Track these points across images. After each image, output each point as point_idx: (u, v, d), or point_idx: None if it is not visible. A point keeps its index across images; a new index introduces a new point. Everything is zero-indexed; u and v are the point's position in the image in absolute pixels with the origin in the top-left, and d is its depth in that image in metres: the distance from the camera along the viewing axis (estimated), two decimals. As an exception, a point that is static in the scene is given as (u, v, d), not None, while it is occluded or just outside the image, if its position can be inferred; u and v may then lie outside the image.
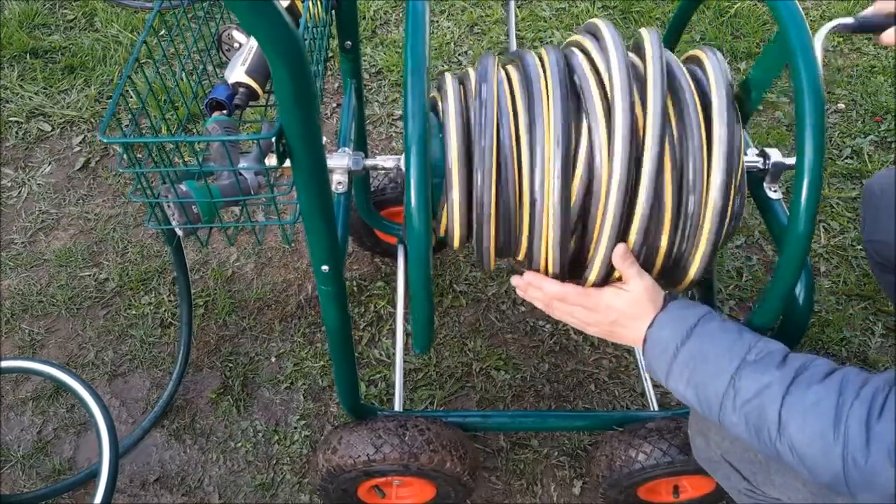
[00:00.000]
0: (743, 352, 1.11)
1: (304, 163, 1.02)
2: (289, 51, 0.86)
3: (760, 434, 1.07)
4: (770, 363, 1.08)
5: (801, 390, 1.03)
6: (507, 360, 2.21)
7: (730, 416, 1.11)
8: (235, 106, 1.19)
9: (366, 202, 2.10)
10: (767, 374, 1.07)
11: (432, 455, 1.61)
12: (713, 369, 1.12)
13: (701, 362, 1.14)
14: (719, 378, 1.11)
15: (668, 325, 1.20)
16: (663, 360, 1.19)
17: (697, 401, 1.16)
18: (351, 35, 1.71)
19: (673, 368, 1.17)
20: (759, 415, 1.06)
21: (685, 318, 1.19)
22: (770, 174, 1.31)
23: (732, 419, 1.10)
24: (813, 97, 1.05)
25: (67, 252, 2.47)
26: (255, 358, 2.23)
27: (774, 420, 1.04)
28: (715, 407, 1.12)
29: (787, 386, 1.04)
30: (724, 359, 1.12)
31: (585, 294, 1.27)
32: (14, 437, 2.07)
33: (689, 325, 1.17)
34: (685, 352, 1.16)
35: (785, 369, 1.06)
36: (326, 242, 1.19)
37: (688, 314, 1.19)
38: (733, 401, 1.09)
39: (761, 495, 1.35)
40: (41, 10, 3.39)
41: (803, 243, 1.10)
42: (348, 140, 1.62)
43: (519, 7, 3.46)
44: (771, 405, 1.05)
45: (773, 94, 3.01)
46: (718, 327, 1.16)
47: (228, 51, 1.32)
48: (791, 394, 1.04)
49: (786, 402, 1.04)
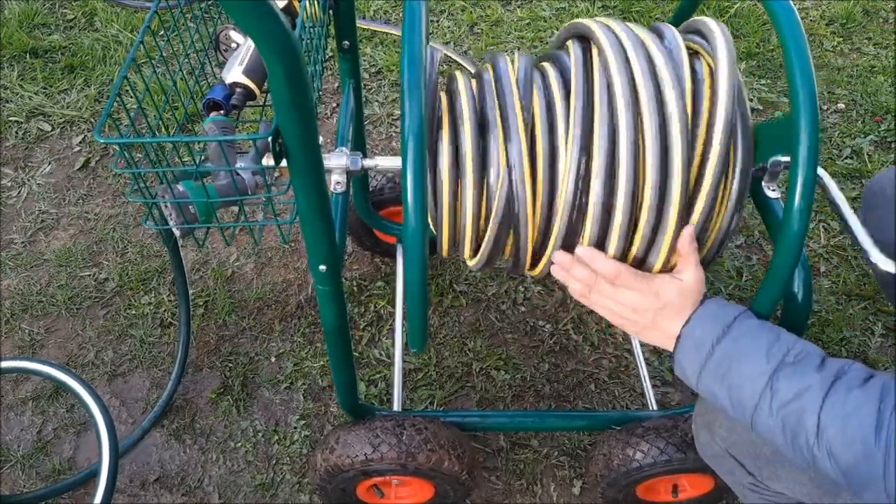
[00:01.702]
0: (781, 353, 1.09)
1: (301, 163, 1.02)
2: (284, 51, 0.86)
3: (797, 438, 1.05)
4: (809, 366, 1.06)
5: (842, 394, 1.01)
6: (507, 360, 2.21)
7: (765, 419, 1.08)
8: (233, 106, 1.19)
9: (364, 202, 2.10)
10: (807, 377, 1.05)
11: (430, 454, 1.61)
12: (750, 369, 1.10)
13: (737, 361, 1.11)
14: (756, 379, 1.09)
15: (705, 323, 1.16)
16: (697, 358, 1.15)
17: (730, 402, 1.13)
18: (349, 35, 1.71)
19: (707, 367, 1.14)
20: (798, 419, 1.04)
21: (722, 315, 1.16)
22: (769, 173, 1.30)
23: (768, 422, 1.08)
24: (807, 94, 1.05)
25: (67, 252, 2.48)
26: (254, 358, 2.23)
27: (813, 424, 1.02)
28: (749, 408, 1.10)
29: (826, 389, 1.02)
30: (761, 359, 1.09)
31: (640, 276, 1.20)
32: (14, 436, 2.07)
33: (726, 322, 1.14)
34: (721, 350, 1.13)
35: (824, 373, 1.04)
36: (323, 242, 1.19)
37: (725, 312, 1.16)
38: (770, 403, 1.07)
39: (766, 490, 1.35)
40: (41, 10, 3.40)
41: (797, 241, 1.10)
42: (346, 140, 1.62)
43: (519, 7, 3.46)
44: (810, 409, 1.03)
45: (773, 94, 3.01)
46: (757, 326, 1.13)
47: (226, 51, 1.32)
48: (831, 397, 1.02)
49: (826, 405, 1.02)
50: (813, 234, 2.51)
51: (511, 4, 3.49)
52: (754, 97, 2.99)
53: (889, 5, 3.45)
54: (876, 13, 3.42)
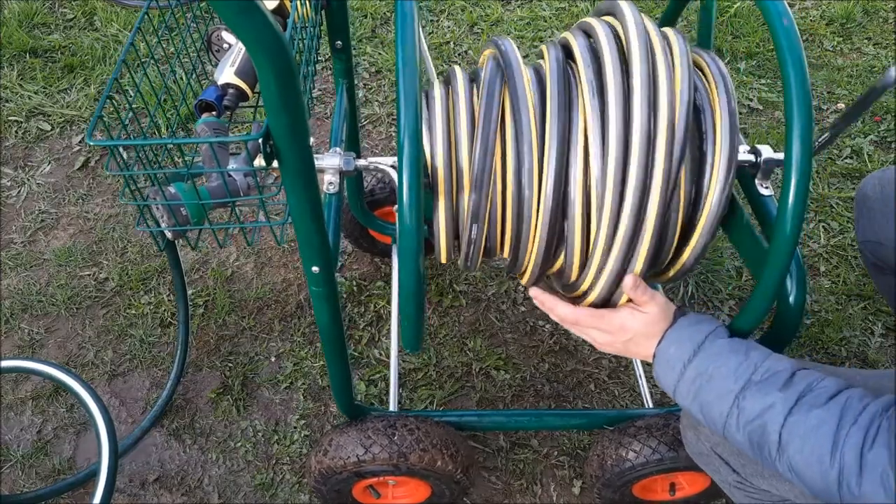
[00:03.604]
0: (748, 372, 1.12)
1: (292, 163, 1.02)
2: (274, 52, 0.86)
3: (762, 451, 1.09)
4: (774, 384, 1.09)
5: (803, 413, 1.05)
6: (507, 360, 2.21)
7: (733, 433, 1.13)
8: (225, 107, 1.19)
9: (359, 202, 2.09)
10: (771, 395, 1.08)
11: (422, 454, 1.61)
12: (718, 389, 1.14)
13: (706, 381, 1.15)
14: (724, 398, 1.13)
15: (676, 343, 1.21)
16: (671, 376, 1.21)
17: (703, 417, 1.18)
18: (341, 35, 1.70)
19: (679, 385, 1.19)
20: (762, 434, 1.08)
21: (692, 335, 1.20)
22: (762, 171, 1.30)
23: (736, 437, 1.12)
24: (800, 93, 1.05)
25: (67, 252, 2.48)
26: (254, 358, 2.23)
27: (775, 440, 1.06)
28: (719, 425, 1.15)
29: (790, 408, 1.06)
30: (729, 379, 1.13)
31: (599, 316, 1.28)
32: (13, 436, 2.07)
33: (696, 342, 1.18)
34: (692, 370, 1.17)
35: (789, 391, 1.08)
36: (316, 243, 1.19)
37: (695, 332, 1.20)
38: (737, 420, 1.11)
39: (751, 487, 1.36)
40: (41, 10, 3.40)
41: (790, 242, 1.10)
42: (340, 140, 1.62)
43: (519, 7, 3.46)
44: (772, 426, 1.07)
45: (773, 94, 3.01)
46: (726, 346, 1.17)
47: (218, 52, 1.32)
48: (793, 415, 1.05)
49: (787, 423, 1.05)
50: (812, 234, 2.50)
51: (511, 4, 3.49)
52: (754, 97, 2.99)
53: (889, 5, 3.44)
54: (876, 13, 3.41)
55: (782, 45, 1.08)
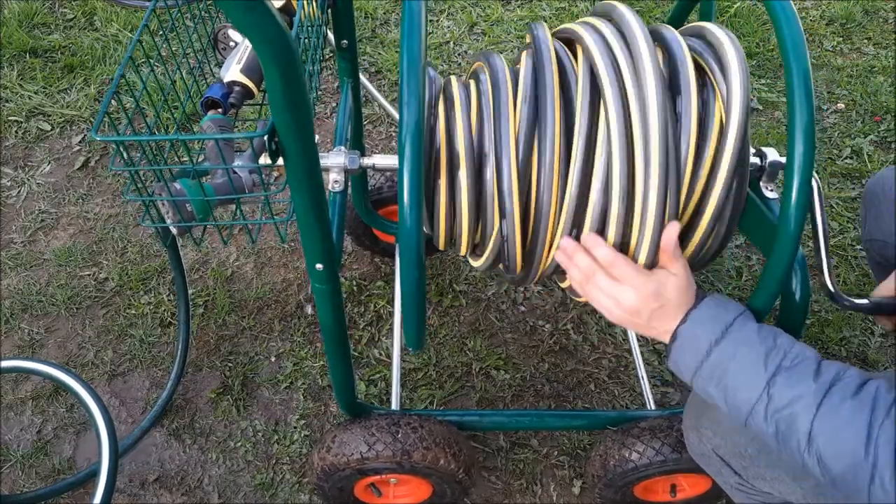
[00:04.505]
0: (779, 358, 1.08)
1: (297, 161, 1.02)
2: (280, 50, 0.86)
3: (788, 443, 1.06)
4: (806, 372, 1.06)
5: (835, 404, 1.02)
6: (507, 360, 2.21)
7: (759, 422, 1.08)
8: (231, 104, 1.19)
9: (363, 201, 2.10)
10: (803, 384, 1.04)
11: (425, 452, 1.61)
12: (747, 374, 1.09)
13: (734, 365, 1.10)
14: (753, 384, 1.08)
15: (703, 323, 1.14)
16: (693, 358, 1.14)
17: (725, 403, 1.12)
18: (347, 34, 1.71)
19: (703, 368, 1.13)
20: (790, 424, 1.04)
21: (720, 317, 1.14)
22: (767, 173, 1.31)
23: (762, 426, 1.08)
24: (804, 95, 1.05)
25: (67, 251, 2.48)
26: (254, 357, 2.23)
27: (805, 431, 1.03)
28: (744, 412, 1.10)
29: (821, 398, 1.02)
30: (759, 364, 1.08)
31: (638, 270, 1.16)
32: (13, 436, 2.07)
33: (724, 324, 1.13)
34: (719, 352, 1.11)
35: (820, 380, 1.04)
36: (320, 241, 1.19)
37: (723, 313, 1.14)
38: (766, 408, 1.07)
39: (752, 489, 1.35)
40: (41, 10, 3.40)
41: (792, 241, 1.10)
42: (345, 139, 1.62)
43: (519, 7, 3.46)
44: (803, 416, 1.03)
45: (773, 94, 3.01)
46: (755, 330, 1.12)
47: (224, 49, 1.32)
48: (824, 405, 1.02)
49: (819, 414, 1.02)
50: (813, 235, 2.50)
51: (511, 4, 3.49)
52: (754, 97, 2.99)
53: (889, 5, 3.45)
54: (876, 13, 3.41)
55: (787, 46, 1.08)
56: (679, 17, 1.59)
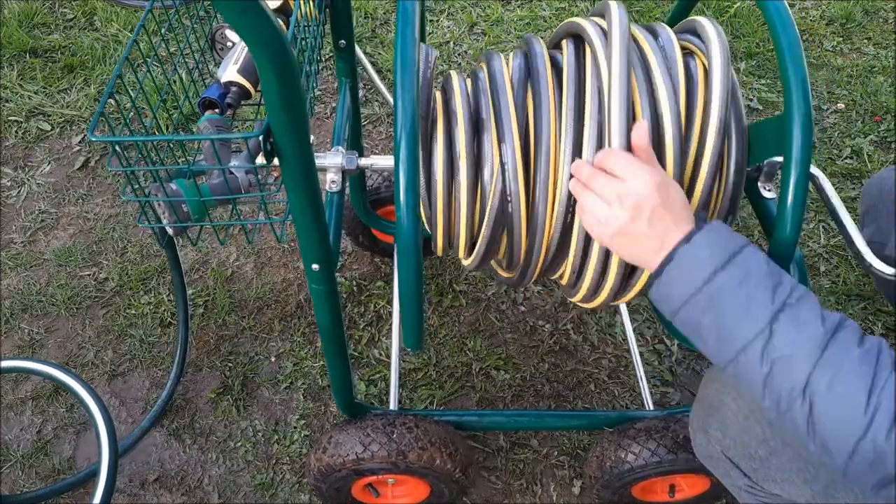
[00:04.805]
0: (785, 294, 1.00)
1: (293, 161, 1.02)
2: (275, 50, 0.86)
3: (778, 387, 0.98)
4: (812, 313, 0.99)
5: (840, 351, 0.95)
6: (507, 360, 2.21)
7: (751, 360, 1.00)
8: (228, 105, 1.19)
9: (362, 201, 2.10)
10: (810, 326, 0.97)
11: (421, 452, 1.61)
12: (750, 306, 1.00)
13: (737, 295, 1.01)
14: (755, 317, 0.99)
15: (709, 246, 1.04)
16: (691, 281, 1.03)
17: (715, 335, 1.03)
18: (345, 34, 1.71)
19: (700, 294, 1.03)
20: (788, 367, 0.97)
21: (728, 242, 1.04)
22: (764, 173, 1.31)
23: (753, 366, 0.99)
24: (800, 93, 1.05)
25: (67, 251, 2.48)
26: (254, 357, 2.23)
27: (802, 377, 0.95)
28: (737, 347, 1.01)
29: (826, 342, 0.96)
30: (766, 297, 1.00)
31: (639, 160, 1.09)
32: (13, 436, 2.07)
33: (731, 250, 1.03)
34: (722, 278, 1.01)
35: (826, 324, 0.97)
36: (317, 241, 1.19)
37: (731, 239, 1.05)
38: (764, 346, 0.98)
39: (761, 491, 1.34)
40: (41, 10, 3.40)
41: (790, 241, 1.10)
42: (343, 139, 1.62)
43: (519, 6, 3.46)
44: (804, 360, 0.96)
45: (773, 94, 3.01)
46: (763, 261, 1.03)
47: (222, 50, 1.32)
48: (829, 351, 0.95)
49: (822, 359, 0.95)
50: (812, 234, 2.50)
51: (511, 4, 3.49)
52: (754, 97, 2.99)
53: (889, 5, 3.44)
54: (876, 13, 3.41)
55: (782, 45, 1.08)
56: (678, 17, 1.59)
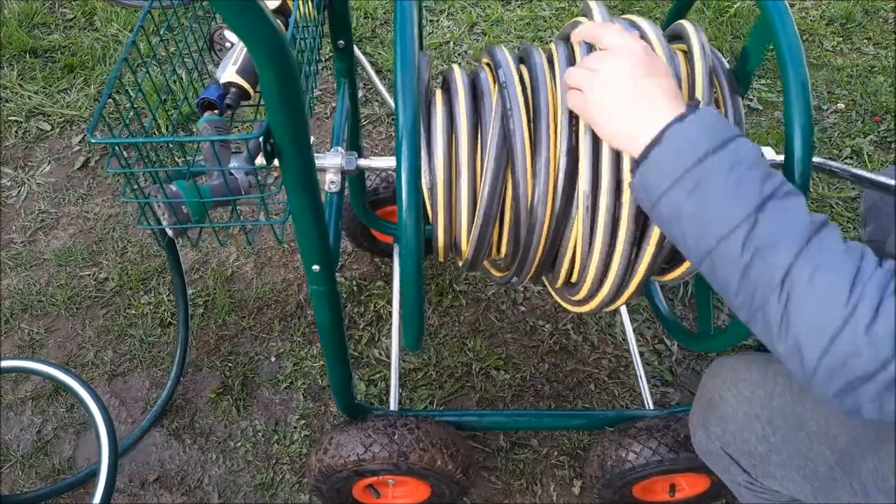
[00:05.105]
0: (774, 185, 0.97)
1: (293, 162, 1.02)
2: (275, 51, 0.86)
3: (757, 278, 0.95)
4: (799, 206, 0.96)
5: (825, 245, 0.92)
6: (507, 360, 2.21)
7: (732, 249, 0.96)
8: (227, 106, 1.19)
9: (361, 202, 2.10)
10: (795, 215, 0.95)
11: (422, 453, 1.61)
12: (737, 192, 0.96)
13: (727, 179, 0.97)
14: (741, 204, 0.96)
15: (703, 127, 1.01)
16: (680, 163, 0.99)
17: (695, 221, 1.00)
18: (343, 34, 1.71)
19: (686, 178, 0.99)
20: (768, 257, 0.94)
21: (723, 128, 1.01)
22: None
23: (733, 254, 0.96)
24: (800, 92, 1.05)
25: (67, 251, 2.48)
26: (254, 357, 2.23)
27: (784, 265, 0.92)
28: (720, 233, 0.97)
29: (810, 235, 0.93)
30: (755, 185, 0.97)
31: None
32: (13, 436, 2.07)
33: (725, 136, 1.00)
34: (713, 161, 0.98)
35: (812, 218, 0.95)
36: (317, 242, 1.19)
37: (726, 126, 1.02)
38: (748, 234, 0.95)
39: (760, 488, 1.34)
40: (41, 10, 3.41)
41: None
42: (342, 139, 1.62)
43: (519, 6, 3.46)
44: (786, 250, 0.93)
45: (773, 94, 3.01)
46: (757, 151, 1.01)
47: (220, 51, 1.32)
48: (813, 243, 0.92)
49: (805, 250, 0.92)
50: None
51: (511, 4, 3.49)
52: (754, 97, 2.99)
53: (889, 5, 3.44)
54: (876, 13, 3.41)
55: (782, 45, 1.08)
56: (676, 16, 1.60)
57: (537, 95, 1.20)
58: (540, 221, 1.20)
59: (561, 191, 1.18)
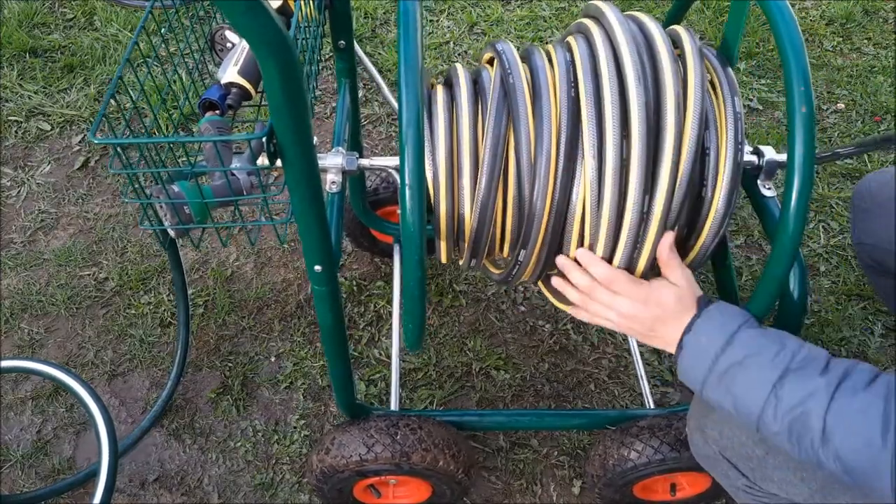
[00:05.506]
0: (786, 360, 1.06)
1: (296, 162, 1.02)
2: (278, 51, 0.85)
3: (802, 442, 1.03)
4: (814, 370, 1.04)
5: (847, 397, 1.00)
6: (507, 360, 2.20)
7: (770, 425, 1.07)
8: (228, 106, 1.19)
9: (361, 202, 2.09)
10: (812, 382, 1.03)
11: (424, 454, 1.61)
12: (754, 379, 1.08)
13: (741, 372, 1.09)
14: (760, 387, 1.07)
15: (708, 332, 1.14)
16: (700, 368, 1.14)
17: (736, 410, 1.11)
18: (344, 35, 1.70)
19: (711, 377, 1.12)
20: (803, 423, 1.02)
21: (725, 324, 1.14)
22: (764, 172, 1.31)
23: (773, 429, 1.07)
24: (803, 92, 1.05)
25: (67, 251, 2.48)
26: (254, 357, 2.23)
27: (819, 428, 1.01)
28: (754, 416, 1.08)
29: (832, 393, 1.01)
30: (766, 368, 1.07)
31: (637, 283, 1.21)
32: (13, 436, 2.07)
33: (729, 331, 1.12)
34: (725, 360, 1.11)
35: (829, 376, 1.03)
36: (319, 242, 1.19)
37: (728, 320, 1.14)
38: (775, 409, 1.05)
39: (759, 491, 1.34)
40: (41, 9, 3.40)
41: (793, 242, 1.10)
42: (343, 139, 1.62)
43: (519, 6, 3.46)
44: (815, 413, 1.01)
45: (773, 94, 3.01)
46: (760, 335, 1.11)
47: (221, 51, 1.32)
48: (836, 400, 1.00)
49: (831, 409, 1.00)
50: (812, 234, 2.50)
51: (511, 4, 3.49)
52: (754, 97, 2.99)
53: (889, 5, 3.44)
54: (876, 13, 3.41)
55: (784, 45, 1.08)
56: (675, 16, 1.60)
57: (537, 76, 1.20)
58: (544, 179, 1.18)
59: (565, 143, 1.17)
